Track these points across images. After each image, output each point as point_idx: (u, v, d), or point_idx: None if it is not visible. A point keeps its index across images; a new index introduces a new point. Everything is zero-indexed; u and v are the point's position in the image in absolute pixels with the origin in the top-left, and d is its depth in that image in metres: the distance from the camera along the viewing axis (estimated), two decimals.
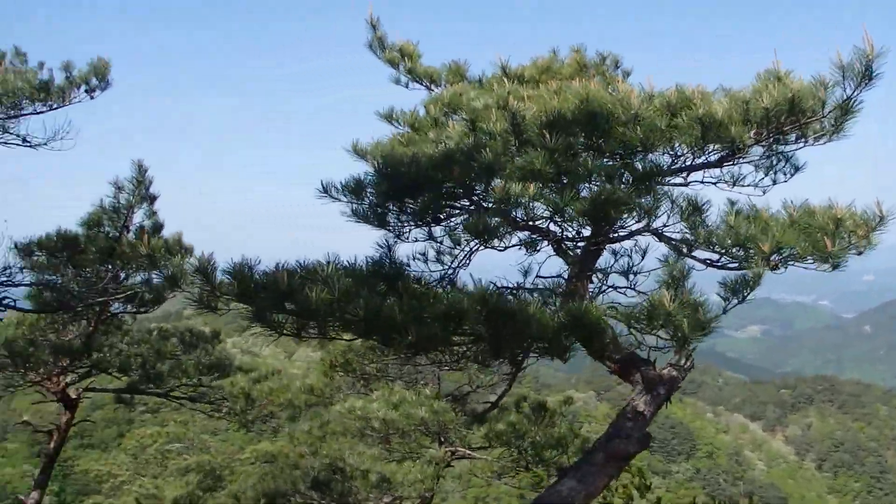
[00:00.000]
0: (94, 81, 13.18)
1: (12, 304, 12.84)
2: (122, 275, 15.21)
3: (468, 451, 15.12)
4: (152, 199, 15.54)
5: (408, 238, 7.23)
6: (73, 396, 16.67)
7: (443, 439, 14.74)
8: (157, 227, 15.56)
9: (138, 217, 15.68)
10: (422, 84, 9.55)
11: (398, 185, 7.17)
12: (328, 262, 6.70)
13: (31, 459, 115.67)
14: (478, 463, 15.64)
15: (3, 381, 15.81)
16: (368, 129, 8.70)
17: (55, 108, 13.50)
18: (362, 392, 15.32)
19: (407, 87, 9.60)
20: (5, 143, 13.65)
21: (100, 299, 14.71)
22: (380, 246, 7.19)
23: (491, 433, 14.13)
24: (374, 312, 5.98)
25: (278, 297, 6.46)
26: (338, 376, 15.59)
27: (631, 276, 6.73)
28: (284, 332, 6.58)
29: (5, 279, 12.74)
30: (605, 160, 6.95)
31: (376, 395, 12.83)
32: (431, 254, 7.51)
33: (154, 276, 15.40)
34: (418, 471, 13.19)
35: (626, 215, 6.47)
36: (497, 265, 7.61)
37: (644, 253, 6.89)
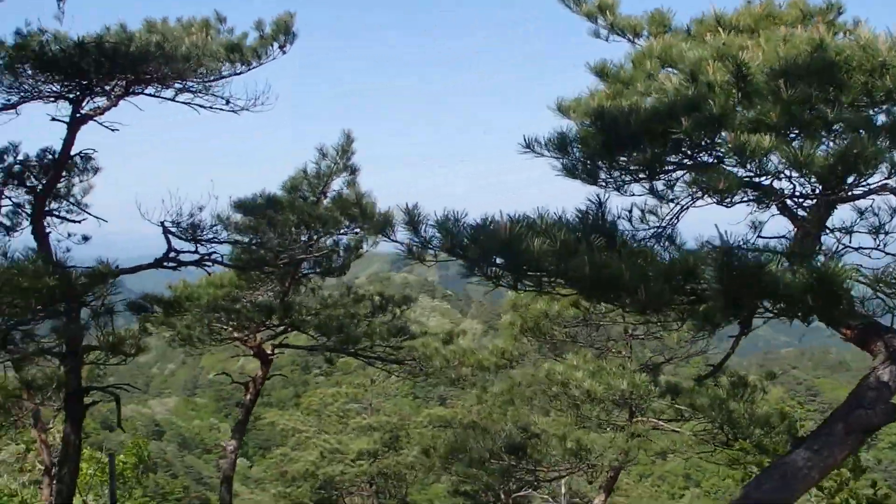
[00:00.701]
0: (282, 38, 13.59)
1: (219, 260, 13.46)
2: (316, 238, 15.72)
3: (660, 423, 14.75)
4: (354, 169, 15.94)
5: (625, 192, 6.99)
6: (269, 352, 17.42)
7: (635, 409, 14.46)
8: (358, 194, 15.92)
9: (337, 184, 16.17)
10: (623, 36, 9.20)
11: (613, 139, 6.93)
12: (540, 216, 6.56)
13: (217, 414, 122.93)
14: (672, 436, 15.23)
15: (208, 335, 16.65)
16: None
17: (253, 68, 14.03)
18: (550, 358, 15.23)
19: (607, 40, 9.28)
20: (211, 107, 14.30)
21: (295, 260, 15.25)
22: (591, 202, 6.97)
23: (688, 405, 13.69)
24: (599, 268, 5.81)
25: (490, 250, 6.40)
26: (526, 341, 15.54)
27: (881, 236, 6.21)
28: (501, 283, 6.53)
29: (212, 236, 13.36)
30: (843, 111, 6.46)
31: (575, 362, 12.69)
32: (637, 211, 7.26)
33: (347, 237, 15.86)
34: (611, 440, 12.98)
35: (871, 171, 5.97)
36: (699, 223, 7.26)
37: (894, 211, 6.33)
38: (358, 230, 15.14)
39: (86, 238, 14.24)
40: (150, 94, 13.66)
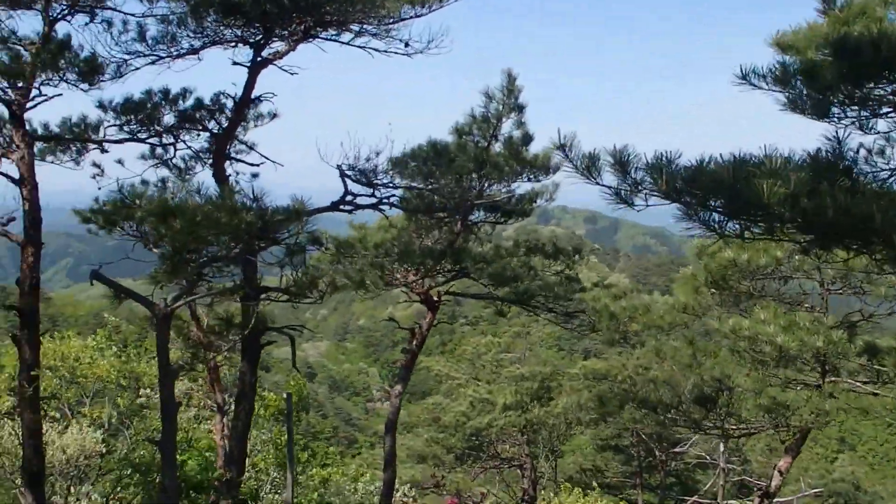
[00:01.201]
0: None
1: (396, 203, 13.43)
2: (488, 183, 15.48)
3: (857, 384, 13.88)
4: (521, 108, 15.56)
5: (868, 129, 6.37)
6: (436, 299, 17.40)
7: (828, 368, 13.65)
8: (527, 139, 15.60)
9: (507, 127, 15.84)
10: None
11: (854, 69, 6.30)
12: (767, 156, 6.04)
13: (366, 359, 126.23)
14: (870, 398, 14.34)
15: (378, 279, 16.73)
16: None
17: (434, 10, 13.77)
18: (733, 312, 14.55)
19: None
20: (386, 50, 14.17)
21: (468, 206, 15.08)
22: (827, 139, 6.38)
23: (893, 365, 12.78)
24: (843, 212, 5.28)
25: (710, 193, 5.98)
26: (708, 293, 14.89)
27: None
28: (725, 232, 6.09)
29: (388, 180, 13.32)
30: None
31: (763, 316, 12.03)
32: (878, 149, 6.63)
33: (523, 183, 15.56)
34: (806, 399, 12.29)
35: None
36: None
37: None
38: (533, 176, 14.84)
39: (254, 176, 14.50)
40: (327, 38, 13.66)
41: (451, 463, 32.98)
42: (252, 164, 14.57)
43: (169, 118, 14.60)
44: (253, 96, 13.91)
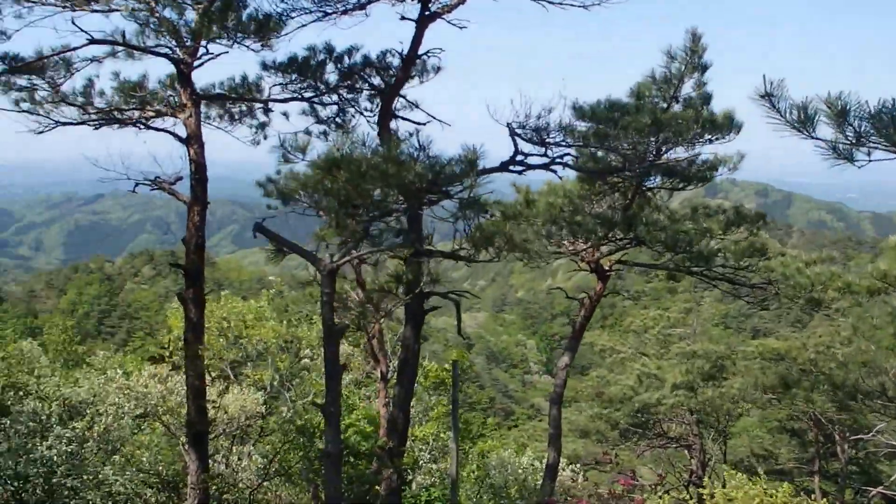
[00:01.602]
0: None
1: (570, 164, 12.94)
2: (665, 147, 14.74)
3: None
4: (704, 68, 14.76)
5: None
6: (607, 268, 16.84)
7: None
8: (706, 99, 14.80)
9: (687, 88, 15.06)
10: None
11: None
12: None
13: (524, 331, 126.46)
14: None
15: (546, 247, 16.32)
16: None
17: None
18: None
19: None
20: (561, 3, 13.66)
21: (644, 169, 14.41)
22: None
23: None
24: None
25: None
26: None
27: None
28: None
29: (560, 140, 12.82)
30: None
31: None
32: None
33: (703, 148, 14.74)
34: None
35: None
36: None
37: None
38: (715, 138, 14.01)
39: (419, 126, 14.32)
40: None
41: (615, 439, 32.34)
42: (418, 123, 14.45)
43: (332, 76, 14.62)
44: (420, 52, 13.72)
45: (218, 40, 13.79)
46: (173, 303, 25.64)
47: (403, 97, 14.52)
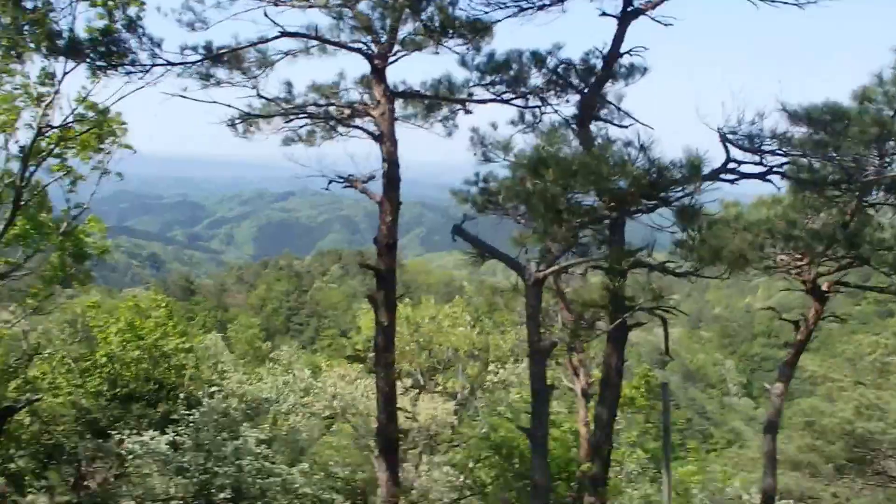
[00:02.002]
0: None
1: (787, 174, 12.38)
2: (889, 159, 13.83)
3: None
4: None
5: None
6: (825, 289, 16.02)
7: None
8: None
9: None
10: None
11: None
12: None
13: (722, 349, 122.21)
14: None
15: (758, 262, 15.68)
16: None
17: None
18: None
19: None
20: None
21: (863, 184, 13.57)
22: None
23: None
24: None
25: None
26: None
27: None
28: None
29: (776, 147, 12.29)
30: None
31: None
32: None
33: None
34: None
35: None
36: None
37: None
38: None
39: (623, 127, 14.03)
40: None
41: (829, 475, 30.62)
42: (621, 126, 14.22)
43: (536, 80, 14.61)
44: (621, 51, 13.48)
45: (415, 38, 14.09)
46: (362, 303, 26.38)
47: (606, 100, 14.31)
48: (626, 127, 14.23)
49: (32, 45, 14.04)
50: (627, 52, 13.66)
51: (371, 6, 14.13)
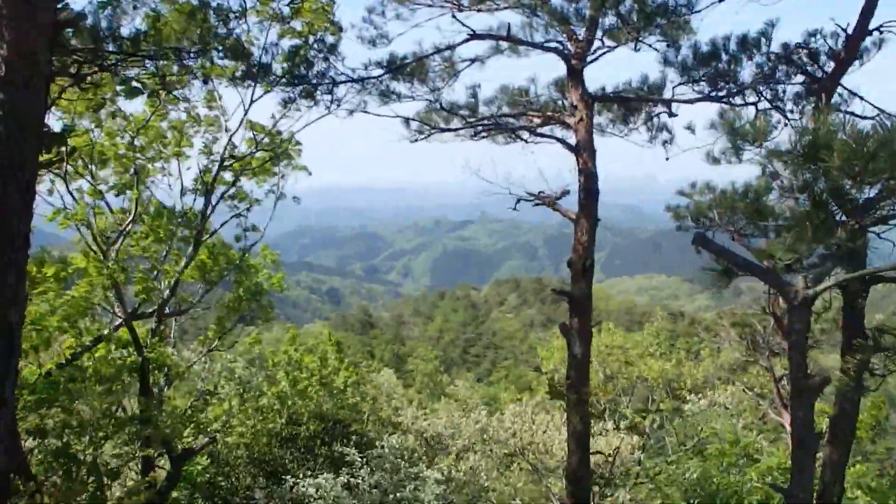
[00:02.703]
0: None
1: None
2: None
3: None
4: None
5: None
6: None
7: None
8: None
9: None
10: None
11: None
12: None
13: None
14: None
15: None
16: None
17: None
18: None
19: None
20: None
21: None
22: None
23: None
24: None
25: None
26: None
27: None
28: None
29: None
30: None
31: None
32: None
33: None
34: None
35: None
36: None
37: None
38: None
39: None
40: None
41: None
42: (860, 117, 12.45)
43: (747, 73, 13.20)
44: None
45: (615, 31, 12.96)
46: (539, 332, 25.42)
47: (843, 86, 12.61)
48: (869, 118, 12.48)
49: (223, 72, 13.69)
50: (877, 29, 12.02)
51: None
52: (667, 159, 14.32)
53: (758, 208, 9.39)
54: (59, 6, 7.02)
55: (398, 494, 16.22)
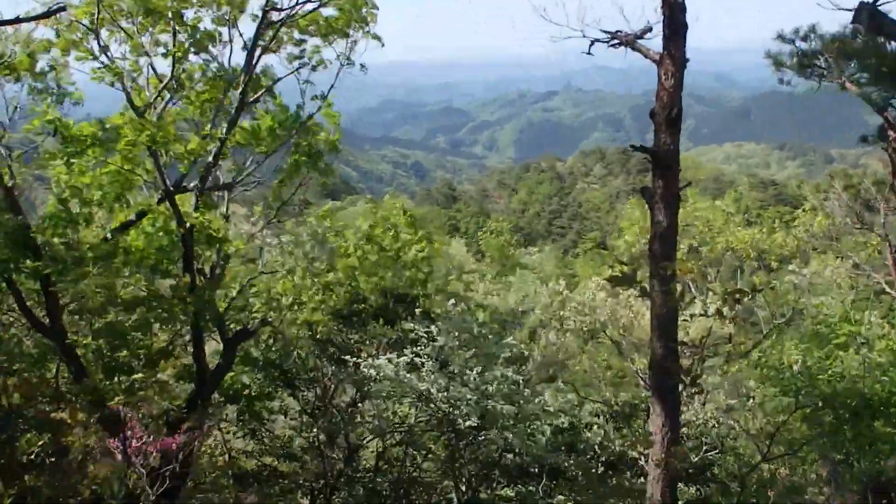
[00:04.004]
0: None
1: None
2: None
3: None
4: None
5: None
6: None
7: None
8: None
9: None
10: None
11: None
12: None
13: None
14: None
15: None
16: None
17: None
18: None
19: None
20: None
21: None
22: None
23: None
24: None
25: None
26: None
27: None
28: None
29: None
30: None
31: None
32: None
33: None
34: None
35: None
36: None
37: None
38: None
39: None
40: None
41: None
42: None
43: None
44: None
45: None
46: (626, 203, 23.90)
47: None
48: None
49: None
50: None
51: None
52: None
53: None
54: None
55: (466, 375, 14.97)
